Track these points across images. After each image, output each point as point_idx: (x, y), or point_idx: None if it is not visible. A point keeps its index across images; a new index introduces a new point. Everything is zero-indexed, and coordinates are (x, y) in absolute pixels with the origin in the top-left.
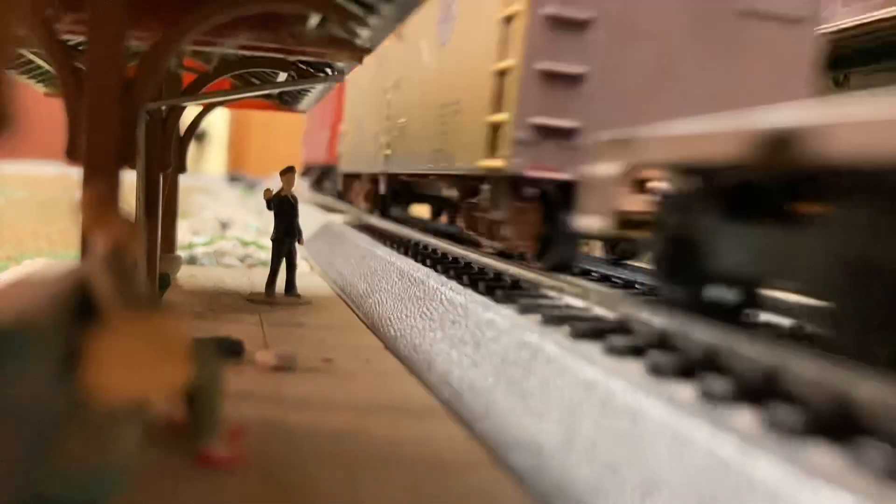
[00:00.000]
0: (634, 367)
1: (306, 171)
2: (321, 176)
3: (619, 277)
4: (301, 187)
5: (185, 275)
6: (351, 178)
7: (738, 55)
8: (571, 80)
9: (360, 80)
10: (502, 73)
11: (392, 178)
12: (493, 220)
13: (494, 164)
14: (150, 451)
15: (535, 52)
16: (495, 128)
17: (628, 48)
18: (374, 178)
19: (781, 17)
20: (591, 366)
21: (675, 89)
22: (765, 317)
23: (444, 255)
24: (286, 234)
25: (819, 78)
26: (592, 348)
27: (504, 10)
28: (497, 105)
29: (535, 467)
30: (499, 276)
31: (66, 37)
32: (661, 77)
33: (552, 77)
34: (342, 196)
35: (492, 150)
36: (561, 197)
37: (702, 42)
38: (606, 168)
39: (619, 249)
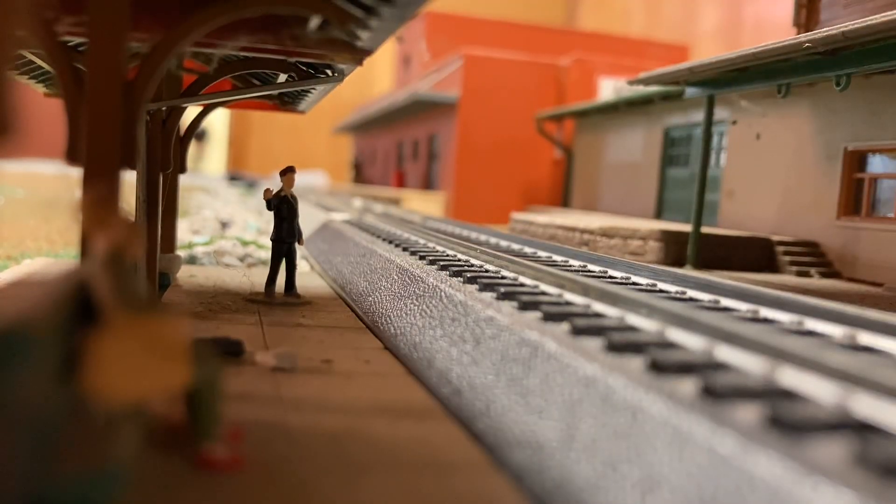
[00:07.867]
0: (634, 364)
1: None
2: None
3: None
4: None
5: (185, 275)
6: None
7: None
8: None
9: None
10: None
11: None
12: None
13: None
14: (149, 452)
15: None
16: None
17: None
18: None
19: None
20: (591, 362)
21: None
22: None
23: (444, 252)
24: (286, 235)
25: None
26: (592, 345)
27: None
28: None
29: (535, 465)
30: (498, 272)
31: (66, 38)
32: None
33: None
34: None
35: None
36: None
37: None
38: None
39: None
